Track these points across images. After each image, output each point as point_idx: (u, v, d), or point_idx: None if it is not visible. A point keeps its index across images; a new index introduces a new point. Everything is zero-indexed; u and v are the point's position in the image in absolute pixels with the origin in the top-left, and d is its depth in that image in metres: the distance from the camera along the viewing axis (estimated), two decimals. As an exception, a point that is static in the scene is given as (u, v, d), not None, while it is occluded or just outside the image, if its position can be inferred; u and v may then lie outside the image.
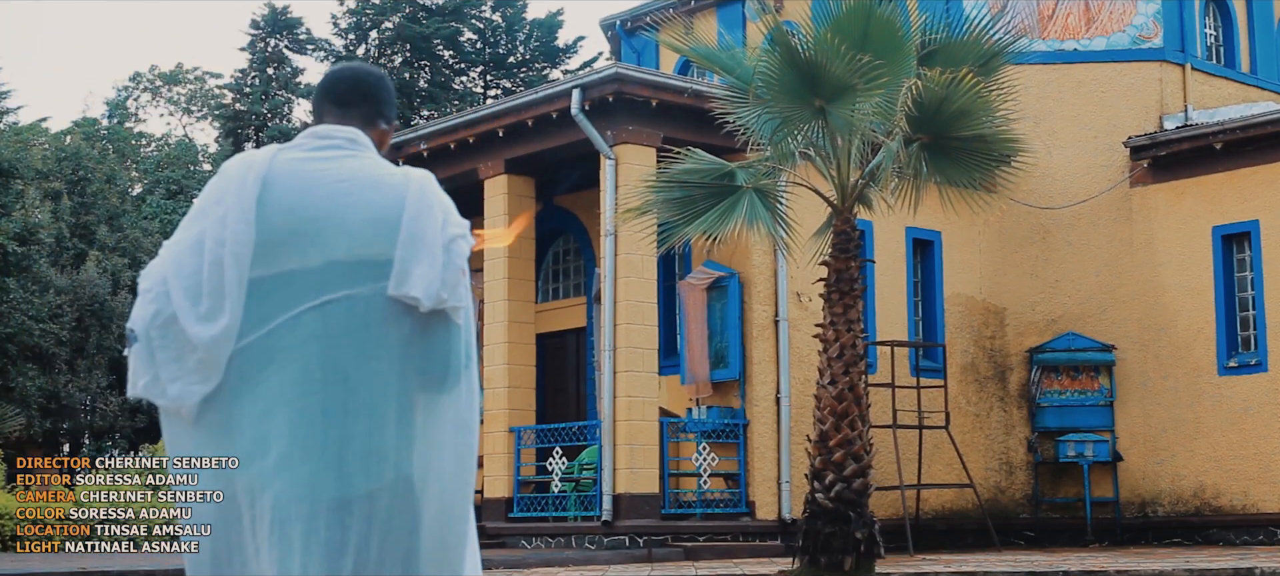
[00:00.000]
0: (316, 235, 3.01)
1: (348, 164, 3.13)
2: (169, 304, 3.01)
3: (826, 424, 12.54)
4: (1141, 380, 18.49)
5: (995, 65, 12.77)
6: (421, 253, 3.00)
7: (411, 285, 2.98)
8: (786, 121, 12.59)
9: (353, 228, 3.02)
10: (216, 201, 3.06)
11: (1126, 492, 18.44)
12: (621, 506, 15.48)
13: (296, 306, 2.98)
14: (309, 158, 3.13)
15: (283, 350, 2.96)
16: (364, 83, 3.36)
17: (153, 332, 3.03)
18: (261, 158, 3.10)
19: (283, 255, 3.00)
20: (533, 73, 45.70)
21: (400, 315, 3.00)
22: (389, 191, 3.08)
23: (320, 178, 3.08)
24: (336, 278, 2.99)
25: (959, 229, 18.48)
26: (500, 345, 16.96)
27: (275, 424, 2.94)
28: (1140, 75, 19.31)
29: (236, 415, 2.96)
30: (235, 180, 3.06)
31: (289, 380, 2.95)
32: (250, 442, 2.95)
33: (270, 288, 2.99)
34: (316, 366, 2.95)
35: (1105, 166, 19.05)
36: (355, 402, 2.95)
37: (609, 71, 15.86)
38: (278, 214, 3.02)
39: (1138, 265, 18.62)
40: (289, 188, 3.05)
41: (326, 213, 3.03)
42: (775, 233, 13.25)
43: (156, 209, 45.83)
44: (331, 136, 3.20)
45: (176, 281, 3.01)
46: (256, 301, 2.98)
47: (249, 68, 44.99)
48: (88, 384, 33.52)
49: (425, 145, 17.85)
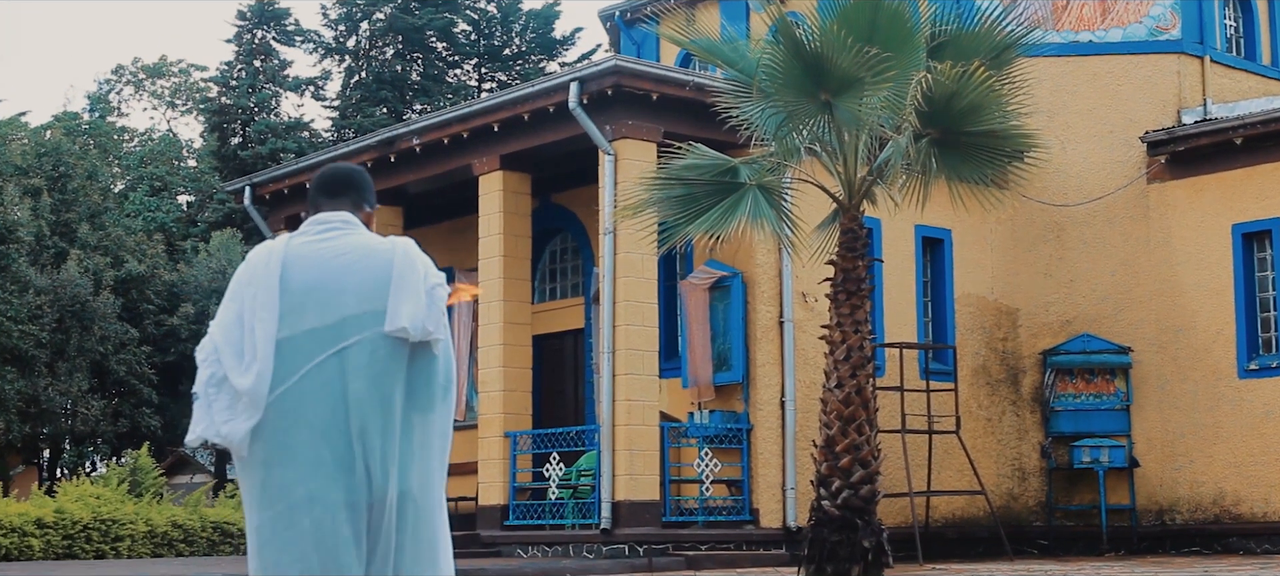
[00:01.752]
0: (330, 298, 4.07)
1: (346, 240, 4.20)
2: (220, 367, 4.07)
3: (833, 428, 12.55)
4: (1159, 383, 18.51)
5: (1007, 58, 12.78)
6: (407, 295, 4.05)
7: (401, 319, 4.03)
8: (791, 116, 12.60)
9: (357, 289, 4.08)
10: (247, 283, 4.13)
11: (1143, 500, 18.46)
12: (621, 514, 15.49)
13: (321, 354, 4.03)
14: (315, 240, 4.20)
15: (316, 389, 4.00)
16: (349, 178, 4.43)
17: (209, 390, 4.08)
18: (279, 245, 4.19)
19: (305, 317, 4.05)
20: (529, 65, 45.70)
21: (399, 351, 4.05)
22: (381, 256, 4.14)
23: (327, 254, 4.15)
24: (349, 329, 4.04)
25: (970, 227, 18.49)
26: (496, 347, 16.97)
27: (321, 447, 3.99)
28: (1158, 68, 19.33)
29: (292, 443, 4.00)
30: (261, 266, 4.14)
31: (325, 412, 3.99)
32: (306, 463, 3.99)
33: (299, 343, 4.03)
34: (340, 400, 4.01)
35: (1121, 162, 19.06)
36: (372, 424, 4.01)
37: (608, 64, 15.87)
38: (298, 286, 4.08)
39: (1155, 264, 18.64)
40: (304, 265, 4.13)
41: (336, 280, 4.09)
42: (780, 231, 13.25)
43: (139, 206, 45.87)
44: (330, 221, 4.28)
45: (225, 349, 4.07)
46: (289, 354, 4.02)
47: (235, 60, 44.99)
48: (68, 387, 33.53)
49: (418, 140, 17.87)
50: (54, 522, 21.41)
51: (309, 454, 4.00)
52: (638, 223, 13.72)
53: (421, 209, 20.14)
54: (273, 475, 4.02)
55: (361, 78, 44.94)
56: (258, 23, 44.82)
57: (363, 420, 4.00)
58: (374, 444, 4.00)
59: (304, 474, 3.99)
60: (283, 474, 4.00)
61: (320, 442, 4.00)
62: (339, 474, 3.99)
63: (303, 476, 3.98)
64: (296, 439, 3.99)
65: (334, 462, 3.99)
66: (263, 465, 4.03)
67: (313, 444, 3.99)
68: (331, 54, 45.88)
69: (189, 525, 23.84)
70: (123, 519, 22.46)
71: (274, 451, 4.01)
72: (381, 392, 4.02)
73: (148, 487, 27.69)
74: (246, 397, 4.00)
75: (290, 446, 4.00)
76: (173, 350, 37.58)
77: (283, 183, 20.39)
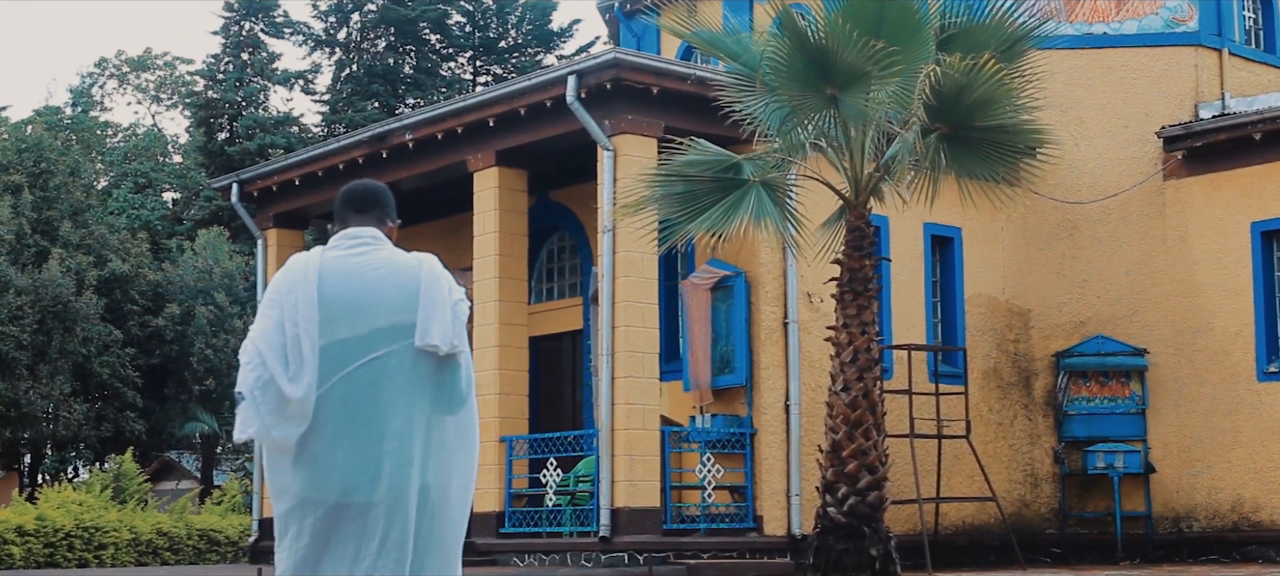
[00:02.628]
0: (362, 311, 4.54)
1: (376, 255, 4.68)
2: (266, 370, 4.45)
3: (839, 433, 12.55)
4: (1175, 386, 18.51)
5: (1019, 50, 12.79)
6: (436, 313, 4.54)
7: (432, 336, 4.53)
8: (796, 111, 12.61)
9: (387, 303, 4.55)
10: (287, 292, 4.55)
11: (1159, 506, 18.46)
12: (620, 521, 15.49)
13: (354, 363, 4.49)
14: (347, 254, 4.66)
15: (348, 396, 4.48)
16: (374, 193, 4.88)
17: (256, 392, 4.46)
18: (314, 257, 4.63)
19: (339, 327, 4.51)
20: (525, 58, 45.70)
21: (423, 360, 4.56)
22: (409, 273, 4.62)
23: (359, 268, 4.62)
24: (380, 340, 4.51)
25: (980, 225, 18.49)
26: (491, 349, 16.98)
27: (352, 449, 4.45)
28: (1174, 61, 19.33)
29: (328, 447, 4.45)
30: (299, 276, 4.57)
31: (351, 416, 4.46)
32: (343, 462, 4.45)
33: (333, 351, 4.49)
34: (368, 405, 4.47)
35: (1137, 158, 19.07)
36: (397, 427, 4.48)
37: (607, 57, 15.88)
38: (332, 298, 4.54)
39: (1171, 264, 18.64)
40: (337, 278, 4.58)
41: (367, 294, 4.56)
42: (784, 229, 13.26)
43: (123, 203, 45.86)
44: (360, 237, 4.73)
45: (269, 353, 4.46)
46: (324, 361, 4.48)
47: (222, 52, 45.00)
48: (50, 391, 33.52)
49: (411, 136, 17.87)
50: (35, 530, 21.42)
51: (330, 457, 4.47)
52: (638, 221, 13.73)
53: (414, 206, 20.11)
54: (294, 474, 4.50)
55: (352, 71, 44.94)
56: (245, 14, 44.84)
57: (389, 425, 4.48)
58: (397, 446, 4.47)
59: (321, 475, 4.46)
60: (302, 474, 4.48)
61: (343, 447, 4.47)
62: (356, 475, 4.45)
63: (319, 477, 4.46)
64: (319, 444, 4.47)
65: (352, 464, 4.46)
66: (291, 463, 4.51)
67: (334, 448, 4.46)
68: (321, 46, 45.89)
69: (174, 532, 23.84)
70: (106, 526, 22.47)
71: (299, 451, 4.49)
72: (408, 400, 4.51)
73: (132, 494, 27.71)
74: (295, 405, 4.44)
75: (314, 449, 4.47)
76: (157, 352, 37.57)
77: (271, 179, 20.40)
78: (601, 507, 15.57)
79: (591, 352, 17.82)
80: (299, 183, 19.90)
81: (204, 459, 39.89)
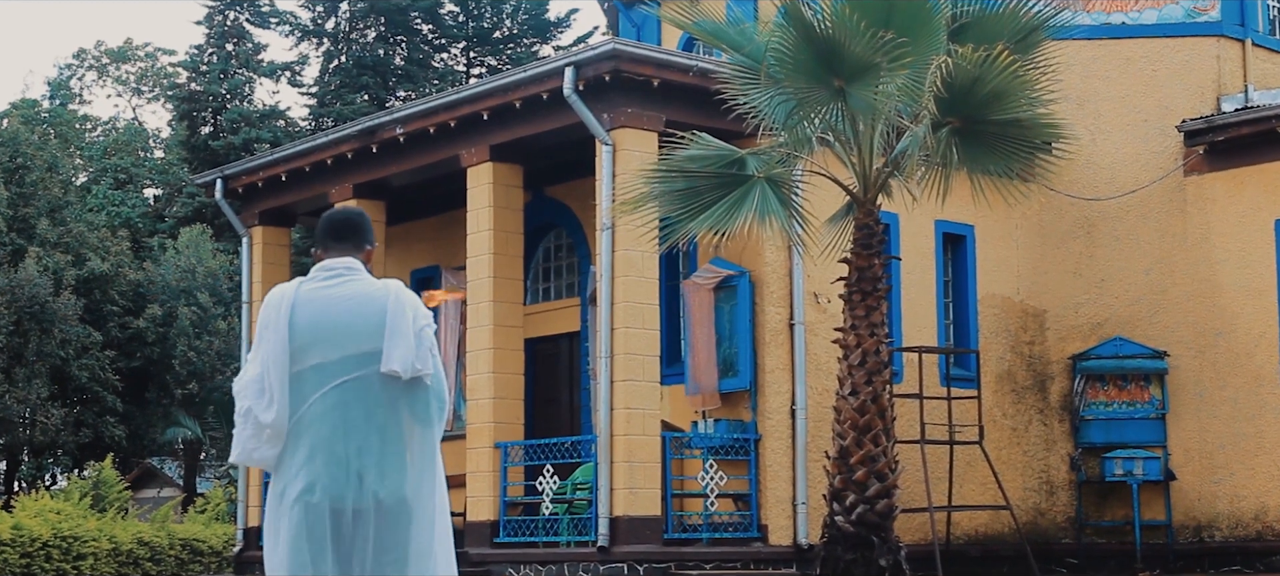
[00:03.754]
0: (333, 338, 5.20)
1: (349, 287, 5.28)
2: (245, 402, 5.22)
3: (847, 439, 12.56)
4: (1197, 390, 18.52)
5: (1034, 41, 12.81)
6: (399, 341, 5.16)
7: (393, 362, 5.15)
8: (802, 103, 12.62)
9: (356, 331, 5.19)
10: (266, 326, 5.24)
11: (1180, 515, 18.47)
12: (619, 530, 15.50)
13: (326, 386, 5.18)
14: (322, 286, 5.29)
15: (321, 415, 5.18)
16: (352, 223, 5.45)
17: (240, 421, 5.24)
18: (291, 289, 5.29)
19: (312, 353, 5.19)
20: (521, 49, 45.73)
21: (391, 383, 5.20)
22: (377, 303, 5.22)
23: (331, 298, 5.25)
24: (350, 365, 5.18)
25: (994, 222, 18.50)
26: (485, 352, 16.99)
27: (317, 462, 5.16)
28: (1195, 52, 19.34)
29: (293, 460, 5.19)
30: (273, 311, 5.24)
31: (326, 433, 5.17)
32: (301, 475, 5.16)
33: (308, 376, 5.19)
34: (341, 424, 5.17)
35: (1156, 153, 19.08)
36: (367, 443, 5.17)
37: (605, 48, 15.89)
38: (305, 327, 5.20)
39: (1193, 262, 18.65)
40: (311, 309, 5.24)
41: (338, 323, 5.21)
42: (790, 227, 13.27)
43: (103, 199, 45.88)
44: (334, 268, 5.34)
45: (250, 386, 5.23)
46: (299, 386, 5.19)
47: (206, 43, 45.01)
48: (27, 394, 33.54)
49: (401, 130, 17.89)
50: (11, 540, 21.42)
51: (305, 468, 5.17)
52: (638, 218, 13.74)
53: (405, 203, 20.15)
54: (276, 485, 5.25)
55: (341, 62, 44.96)
56: (230, 4, 44.86)
57: (359, 441, 5.17)
58: (369, 461, 5.15)
59: (297, 484, 5.16)
60: (281, 484, 5.22)
61: (317, 459, 5.17)
62: (330, 484, 5.15)
63: (295, 486, 5.17)
64: (296, 457, 5.19)
65: (326, 475, 5.16)
66: (275, 476, 5.27)
67: (310, 460, 5.17)
68: (309, 37, 45.91)
69: (156, 542, 23.85)
70: (85, 536, 22.47)
71: (281, 465, 5.25)
72: (377, 419, 5.18)
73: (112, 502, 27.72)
74: (269, 430, 5.20)
75: (291, 462, 5.20)
76: (138, 354, 37.58)
77: (257, 175, 20.41)
78: (600, 516, 15.58)
79: (590, 355, 17.83)
80: (285, 178, 19.91)
81: (186, 466, 39.89)
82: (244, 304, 21.08)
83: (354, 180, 19.02)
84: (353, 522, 5.14)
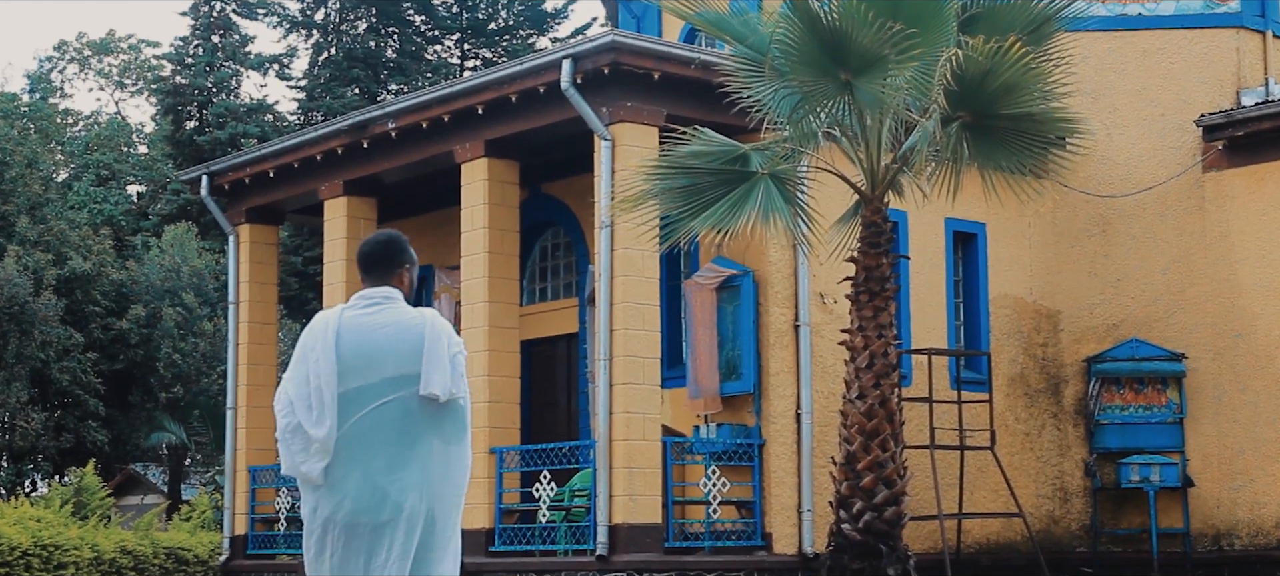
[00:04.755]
0: (373, 363, 5.83)
1: (386, 314, 5.93)
2: (294, 417, 5.83)
3: (854, 444, 12.57)
4: (1216, 393, 18.52)
5: (1047, 32, 12.81)
6: (436, 366, 5.82)
7: (433, 386, 5.82)
8: (808, 97, 12.62)
9: (394, 356, 5.84)
10: (311, 348, 5.88)
11: (1198, 523, 18.48)
12: (618, 539, 15.51)
13: (367, 407, 5.81)
14: (363, 313, 5.93)
15: (362, 434, 5.82)
16: (380, 253, 6.06)
17: (287, 435, 5.85)
18: (334, 316, 5.93)
19: (354, 376, 5.82)
20: (517, 41, 45.74)
21: (426, 404, 5.86)
22: (414, 330, 5.87)
23: (371, 326, 5.90)
24: (388, 387, 5.82)
25: (1006, 220, 18.50)
26: (480, 353, 16.99)
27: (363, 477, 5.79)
28: (1214, 44, 19.34)
29: (344, 475, 5.81)
30: (320, 334, 5.88)
31: (365, 453, 5.81)
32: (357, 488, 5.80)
33: (350, 397, 5.81)
34: (379, 442, 5.82)
35: (1174, 148, 19.08)
36: (400, 458, 5.82)
37: (604, 39, 15.89)
38: (349, 352, 5.84)
39: (1212, 262, 18.65)
40: (354, 335, 5.88)
41: (379, 349, 5.85)
42: (795, 225, 13.28)
43: (85, 197, 45.90)
44: (373, 297, 5.99)
45: (298, 402, 5.85)
46: (342, 406, 5.80)
47: (191, 35, 45.03)
48: (5, 398, 33.54)
49: (393, 125, 17.89)
50: (-11, 548, 21.41)
51: (342, 483, 5.81)
52: (638, 216, 13.74)
53: (397, 200, 20.16)
54: (321, 499, 5.84)
55: (331, 55, 44.98)
56: (216, -6, 44.84)
57: (394, 458, 5.80)
58: (401, 476, 5.79)
59: (334, 498, 5.81)
60: (324, 497, 5.83)
61: (354, 475, 5.80)
62: (367, 499, 5.77)
63: (331, 500, 5.81)
64: (335, 472, 5.81)
65: (363, 490, 5.78)
66: (314, 490, 5.86)
67: (347, 476, 5.80)
68: (298, 28, 45.92)
69: (139, 551, 23.85)
70: (66, 544, 22.47)
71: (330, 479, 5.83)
72: (411, 437, 5.83)
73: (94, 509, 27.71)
74: (318, 444, 5.79)
75: (342, 478, 5.81)
76: (121, 357, 37.58)
77: (244, 171, 20.41)
78: (599, 524, 15.59)
79: (588, 357, 17.83)
80: (273, 175, 19.92)
81: (171, 472, 39.89)
82: (230, 304, 21.07)
83: (344, 177, 19.03)
84: (382, 531, 5.77)
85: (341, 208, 19.16)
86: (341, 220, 19.14)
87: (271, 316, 21.19)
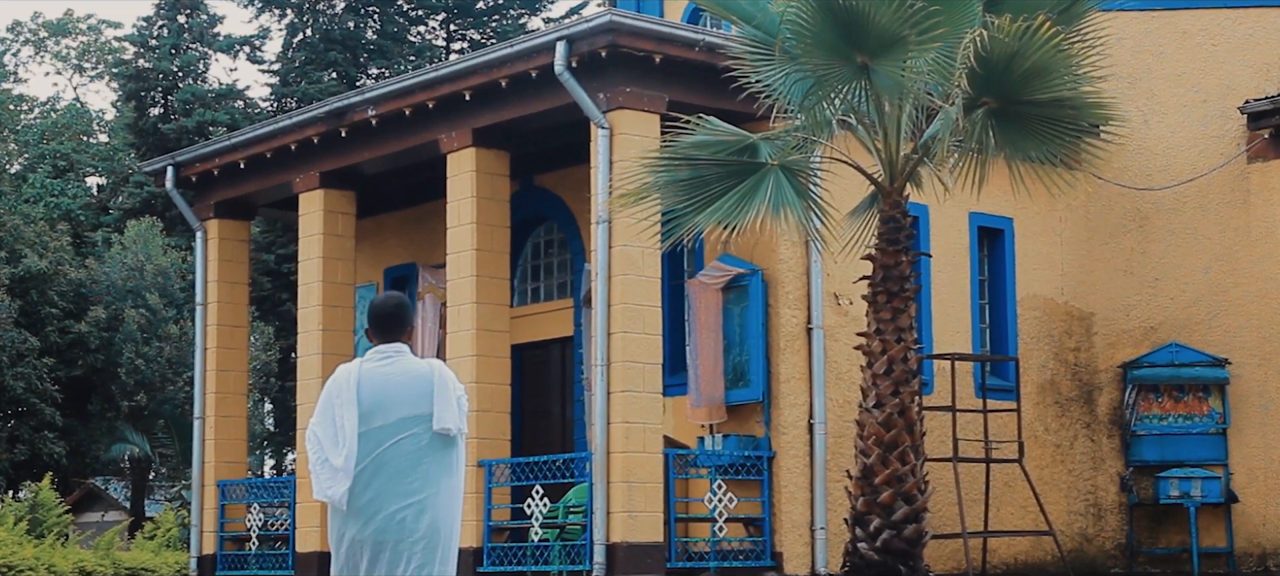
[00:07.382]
0: (390, 406, 7.51)
1: (399, 365, 7.61)
2: (321, 450, 7.50)
3: (871, 456, 12.58)
4: (1262, 402, 18.54)
5: (1079, 11, 12.81)
6: (447, 407, 7.54)
7: (446, 421, 7.52)
8: (821, 82, 12.63)
9: (407, 399, 7.53)
10: (336, 396, 7.53)
11: (1243, 541, 18.49)
12: (617, 558, 15.53)
13: (386, 443, 7.48)
14: (379, 365, 7.59)
15: (382, 466, 7.48)
16: (394, 316, 7.71)
17: (317, 467, 7.51)
18: (355, 368, 7.61)
19: (374, 418, 7.48)
20: (507, 22, 45.76)
21: (435, 440, 7.55)
22: (424, 378, 7.58)
23: (386, 375, 7.57)
24: (402, 426, 7.50)
25: (1035, 215, 18.52)
26: (467, 359, 17.01)
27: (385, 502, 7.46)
28: (1260, 24, 19.35)
29: (367, 501, 7.47)
30: (344, 383, 7.54)
31: (388, 480, 7.48)
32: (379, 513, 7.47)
33: (371, 435, 7.48)
34: (395, 472, 7.49)
35: (1217, 137, 19.10)
36: (416, 485, 7.50)
37: (601, 20, 15.91)
38: (368, 397, 7.51)
39: (1257, 260, 18.67)
40: (372, 382, 7.54)
41: (393, 394, 7.53)
42: (807, 220, 13.29)
43: (41, 189, 45.95)
44: (386, 352, 7.65)
45: (325, 438, 7.52)
46: (364, 443, 7.46)
47: (156, 15, 45.02)
48: (-44, 407, 33.55)
49: (374, 112, 17.90)
50: (-62, 569, 21.42)
51: (364, 510, 7.44)
52: (637, 211, 13.75)
53: (378, 193, 20.18)
54: (348, 523, 7.47)
55: (307, 36, 44.98)
56: (182, -29, 44.87)
57: (407, 485, 7.47)
58: (414, 502, 7.46)
59: (356, 522, 7.45)
60: (350, 521, 7.46)
61: (373, 503, 7.44)
62: (387, 521, 7.43)
63: (355, 524, 7.45)
64: (361, 499, 7.45)
65: (385, 514, 7.43)
66: (342, 517, 7.48)
67: (373, 502, 7.44)
68: (270, 7, 45.91)
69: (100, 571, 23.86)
70: (20, 564, 22.48)
71: (354, 505, 7.46)
72: (423, 467, 7.50)
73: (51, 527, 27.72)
74: (340, 470, 7.43)
75: (366, 504, 7.45)
76: (80, 362, 37.59)
77: (212, 162, 20.43)
78: (595, 543, 15.60)
79: (584, 363, 17.84)
80: (244, 166, 19.93)
81: (134, 486, 39.88)
82: (198, 305, 21.09)
83: (320, 168, 19.05)
84: (401, 547, 7.44)
85: (318, 201, 19.17)
86: (318, 214, 19.15)
87: (242, 319, 21.20)
